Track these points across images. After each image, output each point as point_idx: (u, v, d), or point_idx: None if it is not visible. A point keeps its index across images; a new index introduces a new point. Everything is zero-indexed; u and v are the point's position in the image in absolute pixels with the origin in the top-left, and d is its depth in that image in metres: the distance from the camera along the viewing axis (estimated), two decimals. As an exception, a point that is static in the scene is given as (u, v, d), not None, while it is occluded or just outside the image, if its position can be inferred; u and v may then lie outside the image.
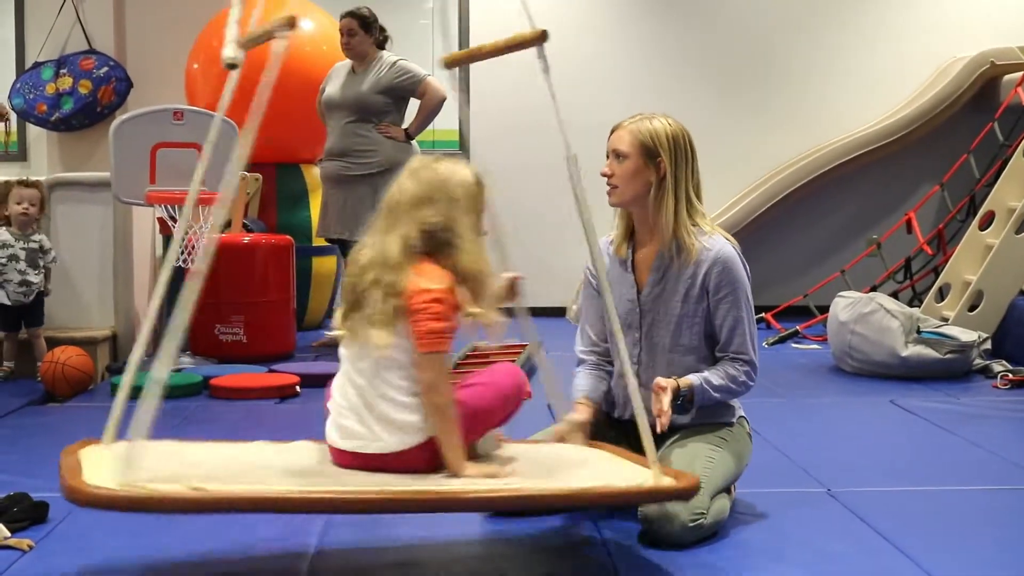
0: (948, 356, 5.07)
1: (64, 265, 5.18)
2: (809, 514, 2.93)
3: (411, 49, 6.38)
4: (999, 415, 4.34)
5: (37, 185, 4.91)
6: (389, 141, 5.39)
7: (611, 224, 3.00)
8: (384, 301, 2.46)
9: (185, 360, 5.15)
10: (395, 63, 5.43)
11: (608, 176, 2.88)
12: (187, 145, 4.75)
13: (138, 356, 2.40)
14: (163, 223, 5.05)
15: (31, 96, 6.43)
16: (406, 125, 5.47)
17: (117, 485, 2.16)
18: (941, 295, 6.04)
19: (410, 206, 2.53)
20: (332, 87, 5.53)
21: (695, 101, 7.12)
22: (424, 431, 2.47)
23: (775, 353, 5.87)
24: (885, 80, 7.35)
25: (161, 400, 2.21)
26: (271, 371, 4.98)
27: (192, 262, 4.72)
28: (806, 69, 7.42)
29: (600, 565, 2.53)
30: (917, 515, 2.94)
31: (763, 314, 6.52)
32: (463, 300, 2.50)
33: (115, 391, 4.59)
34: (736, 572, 2.49)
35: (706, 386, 2.80)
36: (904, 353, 5.06)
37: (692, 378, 2.80)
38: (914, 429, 4.10)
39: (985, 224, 6.07)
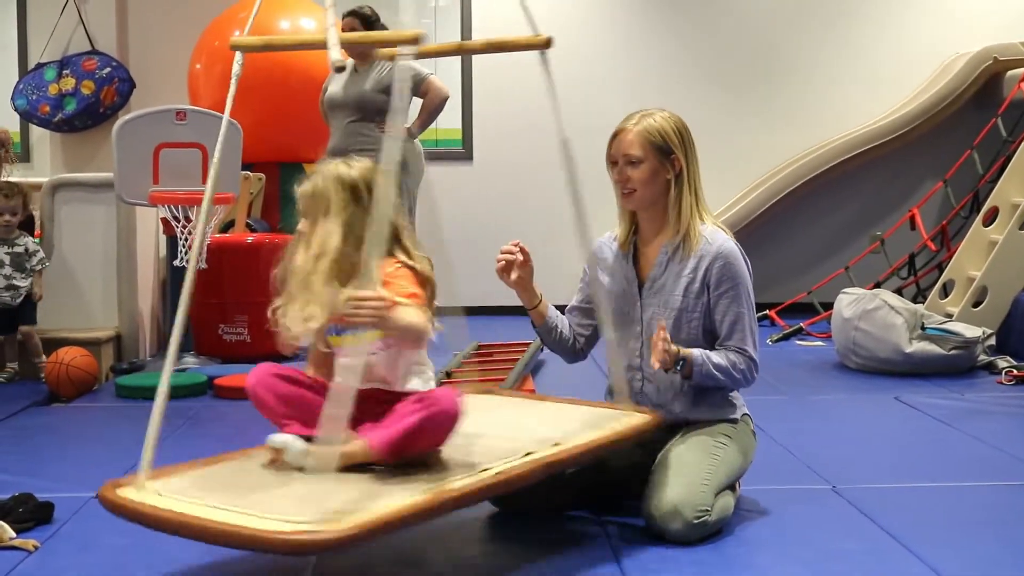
0: (952, 352, 5.06)
1: (68, 266, 5.19)
2: (813, 511, 2.93)
3: (413, 48, 6.36)
4: (1004, 411, 4.33)
5: (17, 190, 4.91)
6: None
7: (613, 218, 2.98)
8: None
9: (189, 360, 5.16)
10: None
11: (623, 182, 2.86)
12: (190, 145, 4.75)
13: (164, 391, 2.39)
14: (167, 223, 5.05)
15: (34, 97, 6.44)
16: (409, 124, 5.47)
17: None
18: (945, 291, 6.03)
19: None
20: (334, 86, 5.52)
21: (697, 98, 7.11)
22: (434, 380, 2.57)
23: (779, 350, 5.86)
24: (888, 77, 7.34)
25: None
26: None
27: (204, 261, 4.74)
28: (809, 66, 7.40)
29: (604, 562, 2.53)
30: (922, 511, 2.94)
31: (767, 311, 6.51)
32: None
33: (119, 391, 4.64)
34: (740, 569, 2.49)
35: (705, 359, 2.78)
36: (908, 349, 5.06)
37: (694, 350, 2.79)
38: (918, 425, 4.09)
39: (989, 220, 6.06)
